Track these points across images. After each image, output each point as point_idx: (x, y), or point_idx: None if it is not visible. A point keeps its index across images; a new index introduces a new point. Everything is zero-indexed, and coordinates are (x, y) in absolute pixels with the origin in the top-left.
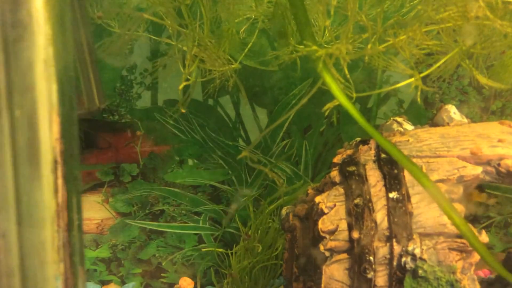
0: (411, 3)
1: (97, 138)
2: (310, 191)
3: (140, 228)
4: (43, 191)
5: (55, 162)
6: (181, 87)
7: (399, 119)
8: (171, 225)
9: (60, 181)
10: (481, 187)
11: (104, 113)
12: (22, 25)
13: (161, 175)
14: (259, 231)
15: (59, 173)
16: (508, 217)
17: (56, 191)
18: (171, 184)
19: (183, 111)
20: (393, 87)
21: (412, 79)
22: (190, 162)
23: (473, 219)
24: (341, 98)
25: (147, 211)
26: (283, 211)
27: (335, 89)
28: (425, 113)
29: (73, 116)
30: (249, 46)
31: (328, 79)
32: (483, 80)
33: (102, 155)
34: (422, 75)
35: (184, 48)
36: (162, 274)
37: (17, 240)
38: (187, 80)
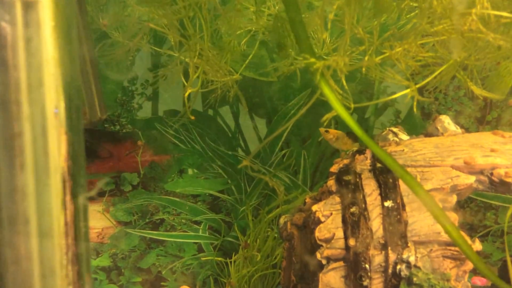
0: (407, 16)
1: (98, 148)
2: (307, 200)
3: (140, 237)
4: (52, 206)
5: (64, 179)
6: (186, 94)
7: (395, 129)
8: (171, 234)
9: (68, 198)
10: None
11: (105, 123)
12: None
13: (161, 184)
14: (258, 240)
15: (67, 190)
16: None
17: (64, 206)
18: (171, 193)
19: (193, 118)
20: (389, 98)
21: (408, 90)
22: (190, 171)
23: (470, 228)
24: (339, 109)
25: (147, 220)
26: (281, 220)
27: (333, 100)
28: (422, 123)
29: (79, 132)
30: (249, 57)
31: (326, 90)
32: (477, 90)
33: (103, 165)
34: (418, 86)
35: (186, 59)
36: (162, 283)
37: (27, 250)
38: (191, 89)
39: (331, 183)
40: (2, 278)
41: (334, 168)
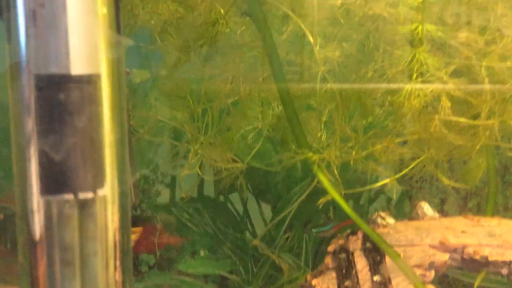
0: (383, 121)
1: None
2: (309, 277)
3: None
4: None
5: (115, 247)
6: (182, 174)
7: (382, 214)
8: None
9: (118, 262)
10: None
11: None
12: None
13: (175, 265)
14: None
15: (117, 255)
16: None
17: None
18: (184, 274)
19: (184, 195)
20: (376, 185)
21: (388, 180)
22: (202, 253)
23: None
24: (334, 194)
25: None
26: None
27: (328, 186)
28: (410, 209)
29: (127, 207)
30: (255, 150)
31: (322, 178)
32: (446, 181)
33: None
34: (396, 176)
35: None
36: None
37: None
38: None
39: (329, 260)
40: None
41: (331, 248)
